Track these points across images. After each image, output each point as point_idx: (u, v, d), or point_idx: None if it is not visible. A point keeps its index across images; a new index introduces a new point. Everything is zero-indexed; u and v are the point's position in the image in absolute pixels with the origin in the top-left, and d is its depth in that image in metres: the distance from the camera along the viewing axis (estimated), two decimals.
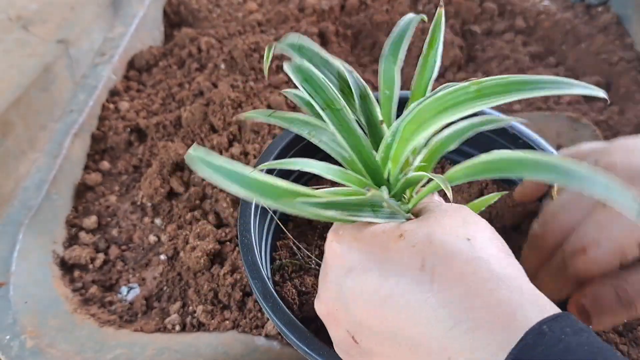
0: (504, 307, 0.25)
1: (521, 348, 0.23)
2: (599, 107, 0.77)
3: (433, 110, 0.29)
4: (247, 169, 0.31)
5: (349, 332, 0.31)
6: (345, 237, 0.32)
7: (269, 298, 0.39)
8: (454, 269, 0.27)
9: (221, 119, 0.70)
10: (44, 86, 0.72)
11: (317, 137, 0.35)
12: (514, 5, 0.93)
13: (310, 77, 0.35)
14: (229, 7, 0.99)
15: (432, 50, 0.36)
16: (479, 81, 0.26)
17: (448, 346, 0.25)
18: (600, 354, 0.23)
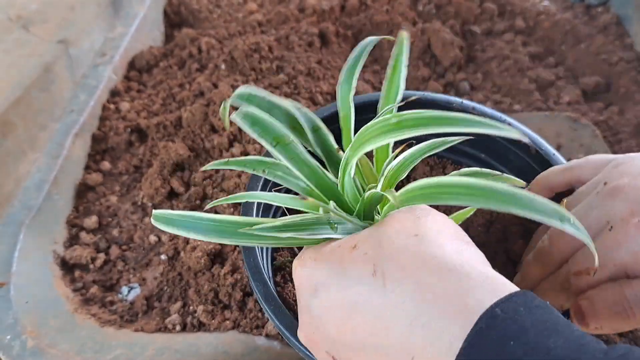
0: (454, 296, 0.25)
1: (475, 333, 0.23)
2: (598, 107, 0.77)
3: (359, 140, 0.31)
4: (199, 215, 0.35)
5: (328, 352, 0.32)
6: (307, 260, 0.33)
7: (270, 300, 0.39)
8: (403, 267, 0.28)
9: (222, 121, 0.70)
10: (44, 86, 0.72)
11: (272, 173, 0.37)
12: (513, 6, 0.94)
13: (257, 120, 0.37)
14: (229, 7, 0.99)
15: (395, 75, 0.38)
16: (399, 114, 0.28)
17: (410, 345, 0.26)
18: (555, 331, 0.23)
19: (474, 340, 0.23)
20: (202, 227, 0.35)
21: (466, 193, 0.27)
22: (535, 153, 0.49)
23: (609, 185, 0.36)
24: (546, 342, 0.23)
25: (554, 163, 0.47)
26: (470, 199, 0.27)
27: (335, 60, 0.83)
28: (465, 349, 0.23)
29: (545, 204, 0.25)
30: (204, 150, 0.70)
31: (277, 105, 0.39)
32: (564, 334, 0.23)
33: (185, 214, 0.35)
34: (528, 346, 0.23)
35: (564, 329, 0.24)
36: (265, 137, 0.36)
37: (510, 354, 0.22)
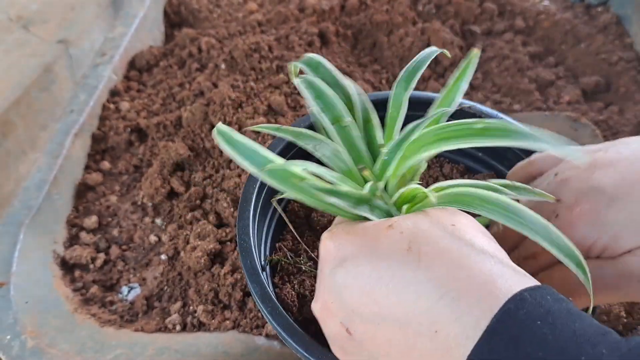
0: (487, 277, 0.27)
1: (504, 312, 0.24)
2: (598, 107, 0.77)
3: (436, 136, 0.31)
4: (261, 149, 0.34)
5: (342, 323, 0.32)
6: (338, 233, 0.34)
7: (267, 302, 0.39)
8: (439, 246, 0.29)
9: (222, 119, 0.70)
10: (44, 86, 0.72)
11: (320, 151, 0.37)
12: (513, 6, 0.94)
13: (322, 93, 0.37)
14: (229, 7, 0.99)
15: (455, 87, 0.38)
16: (486, 121, 0.29)
17: (435, 318, 0.27)
18: (580, 318, 0.24)
19: (502, 318, 0.24)
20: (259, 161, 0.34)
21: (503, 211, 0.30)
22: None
23: (558, 176, 0.39)
24: (572, 325, 0.24)
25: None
26: (504, 218, 0.30)
27: (335, 60, 0.83)
28: (494, 324, 0.24)
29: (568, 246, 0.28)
30: (204, 150, 0.70)
31: (339, 84, 0.39)
32: (587, 321, 0.24)
33: (250, 142, 0.35)
34: (554, 327, 0.24)
35: (587, 318, 0.25)
36: (326, 113, 0.37)
37: (537, 332, 0.23)
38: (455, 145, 0.30)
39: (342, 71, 0.81)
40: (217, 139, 0.34)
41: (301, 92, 0.37)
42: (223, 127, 0.35)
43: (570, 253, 0.28)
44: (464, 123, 0.30)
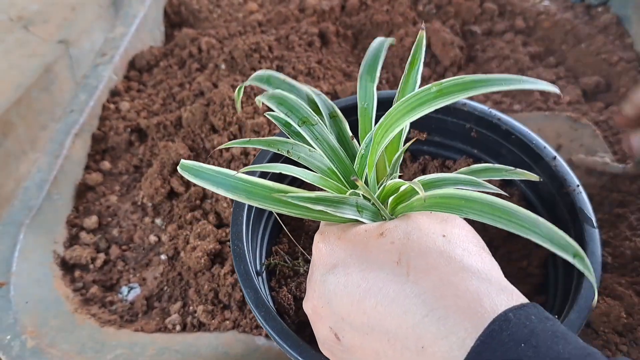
0: (473, 296, 0.27)
1: (488, 333, 0.25)
2: (599, 107, 0.77)
3: (400, 112, 0.31)
4: (230, 172, 0.34)
5: (332, 329, 0.32)
6: (330, 237, 0.34)
7: (261, 307, 0.39)
8: (428, 261, 0.29)
9: (221, 119, 0.70)
10: (44, 86, 0.72)
11: (295, 154, 0.37)
12: (514, 6, 0.94)
13: (284, 100, 0.38)
14: (229, 7, 0.99)
15: (413, 70, 0.39)
16: (439, 82, 0.29)
17: (422, 334, 0.27)
18: (564, 339, 0.24)
19: (487, 339, 0.24)
20: (232, 185, 0.34)
21: (490, 212, 0.29)
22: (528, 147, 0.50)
23: None
24: (555, 347, 0.24)
25: (544, 157, 0.48)
26: (492, 219, 0.29)
27: (335, 60, 0.83)
28: (478, 346, 0.24)
29: (562, 238, 0.28)
30: (204, 150, 0.70)
31: (297, 89, 0.40)
32: (572, 342, 0.24)
33: (218, 169, 0.34)
34: (538, 349, 0.24)
35: (572, 338, 0.25)
36: (291, 117, 0.37)
37: (520, 354, 0.24)
38: (419, 113, 0.30)
39: (342, 71, 0.81)
40: (185, 174, 0.35)
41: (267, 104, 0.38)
42: (187, 162, 0.35)
43: (565, 244, 0.28)
44: (420, 91, 0.30)
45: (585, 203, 0.45)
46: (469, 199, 0.30)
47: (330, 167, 0.36)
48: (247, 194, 0.33)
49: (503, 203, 0.29)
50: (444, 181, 0.35)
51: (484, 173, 0.40)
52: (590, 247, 0.42)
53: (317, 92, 0.40)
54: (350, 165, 0.37)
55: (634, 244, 0.57)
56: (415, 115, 0.30)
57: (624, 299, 0.52)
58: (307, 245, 0.51)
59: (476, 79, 0.28)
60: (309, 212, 0.34)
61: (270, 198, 0.33)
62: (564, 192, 0.46)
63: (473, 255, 0.30)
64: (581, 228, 0.43)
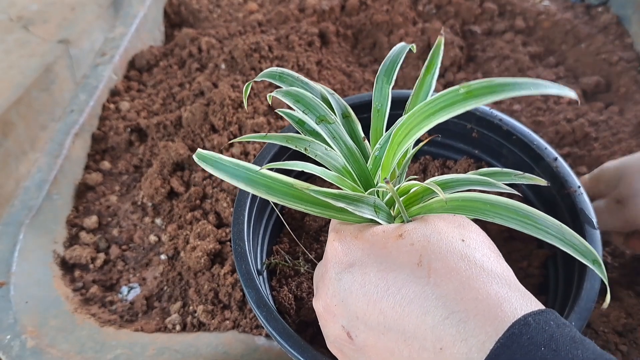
0: (493, 300, 0.27)
1: (508, 336, 0.25)
2: (598, 107, 0.77)
3: (424, 113, 0.30)
4: (253, 167, 0.33)
5: (344, 327, 0.32)
6: (347, 236, 0.34)
7: (262, 307, 0.39)
8: (449, 264, 0.29)
9: (221, 119, 0.70)
10: (44, 86, 0.72)
11: (312, 152, 0.37)
12: (514, 6, 0.94)
13: (301, 97, 0.37)
14: (229, 7, 0.99)
15: (429, 75, 0.38)
16: (467, 84, 0.28)
17: (441, 336, 0.27)
18: (582, 344, 0.25)
19: (507, 342, 0.25)
20: (252, 179, 0.33)
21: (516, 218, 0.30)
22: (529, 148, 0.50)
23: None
24: (574, 352, 0.24)
25: (545, 158, 0.48)
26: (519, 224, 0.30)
27: (335, 60, 0.83)
28: (497, 349, 0.25)
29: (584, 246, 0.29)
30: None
31: (310, 87, 0.40)
32: (590, 348, 0.25)
33: (237, 161, 0.34)
34: (557, 352, 0.24)
35: (589, 344, 0.25)
36: (309, 114, 0.37)
37: (540, 357, 0.24)
38: (447, 115, 0.29)
39: (342, 71, 0.81)
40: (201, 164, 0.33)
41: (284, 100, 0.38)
42: (204, 152, 0.34)
43: (586, 251, 0.28)
44: (448, 92, 0.29)
45: (586, 204, 0.45)
46: (495, 203, 0.30)
47: (346, 166, 0.36)
48: (267, 189, 0.33)
49: (529, 209, 0.30)
50: (457, 182, 0.35)
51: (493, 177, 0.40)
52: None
53: (330, 91, 0.40)
54: (365, 166, 0.37)
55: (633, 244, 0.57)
56: (442, 117, 0.29)
57: (623, 299, 0.52)
58: (308, 244, 0.51)
59: (505, 82, 0.28)
60: (327, 209, 0.34)
61: (290, 194, 0.33)
62: (565, 193, 0.46)
63: (492, 260, 0.30)
64: (582, 229, 0.44)
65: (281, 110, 0.40)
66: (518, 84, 0.27)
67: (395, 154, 0.33)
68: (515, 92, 0.27)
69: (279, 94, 0.38)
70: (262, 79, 0.40)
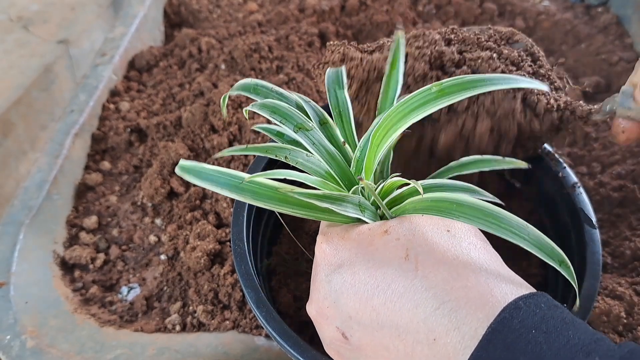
0: (483, 287, 0.27)
1: (499, 321, 0.25)
2: None
3: (400, 114, 0.31)
4: (238, 173, 0.33)
5: (339, 328, 0.32)
6: (334, 237, 0.34)
7: (262, 307, 0.39)
8: (436, 255, 0.29)
9: (221, 119, 0.70)
10: (44, 86, 0.72)
11: (293, 159, 0.37)
12: (514, 6, 0.94)
13: (277, 108, 0.38)
14: (229, 7, 0.99)
15: (394, 70, 0.39)
16: (439, 83, 0.29)
17: (433, 327, 0.27)
18: (573, 325, 0.25)
19: (498, 327, 0.25)
20: (237, 186, 0.33)
21: (482, 217, 0.30)
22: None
23: None
24: (565, 333, 0.24)
25: (544, 157, 0.48)
26: (484, 224, 0.29)
27: None
28: (489, 334, 0.25)
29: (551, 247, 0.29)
30: (203, 150, 0.70)
31: (285, 97, 0.40)
32: (581, 328, 0.25)
33: (221, 170, 0.34)
34: (549, 334, 0.24)
35: (581, 325, 0.25)
36: (286, 124, 0.37)
37: (531, 341, 0.24)
38: (421, 114, 0.29)
39: None
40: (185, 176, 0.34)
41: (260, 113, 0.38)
42: (186, 163, 0.34)
43: (553, 252, 0.29)
44: (421, 92, 0.30)
45: (586, 203, 0.45)
46: (461, 203, 0.30)
47: (328, 170, 0.37)
48: (253, 195, 0.33)
49: (493, 209, 0.30)
50: (442, 187, 0.35)
51: (473, 165, 0.41)
52: (591, 248, 0.42)
53: (305, 99, 0.40)
54: (347, 169, 0.37)
55: (633, 244, 0.57)
56: (416, 117, 0.30)
57: (624, 299, 0.52)
58: (307, 245, 0.51)
59: (476, 79, 0.28)
60: (313, 211, 0.34)
61: (276, 198, 0.33)
62: (565, 193, 0.46)
63: (479, 248, 0.30)
64: (581, 228, 0.44)
65: (258, 126, 0.41)
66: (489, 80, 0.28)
67: (375, 154, 0.33)
68: (486, 88, 0.28)
69: (255, 107, 0.38)
70: (237, 92, 0.40)
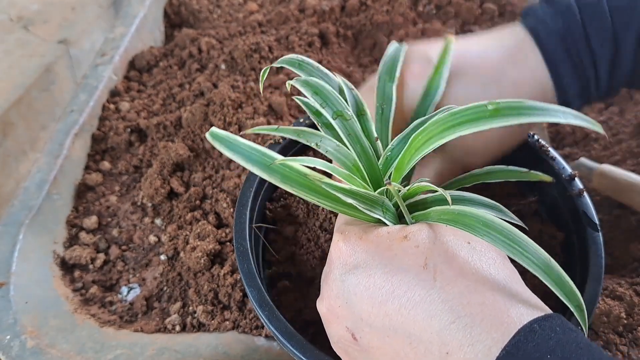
0: (500, 305, 0.27)
1: (514, 344, 0.25)
2: (598, 108, 0.77)
3: (448, 124, 0.30)
4: (271, 153, 0.32)
5: (348, 328, 0.32)
6: (351, 237, 0.34)
7: (264, 306, 0.39)
8: (455, 268, 0.29)
9: (221, 120, 0.70)
10: (44, 86, 0.72)
11: (323, 147, 0.36)
12: (514, 6, 0.93)
13: (320, 90, 0.37)
14: (229, 7, 0.99)
15: (437, 75, 0.38)
16: (495, 102, 0.28)
17: (447, 340, 0.27)
18: (588, 350, 0.25)
19: (512, 350, 0.25)
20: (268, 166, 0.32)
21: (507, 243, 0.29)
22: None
23: None
24: (580, 358, 0.24)
25: (547, 159, 0.48)
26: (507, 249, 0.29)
27: (335, 61, 0.83)
28: (503, 356, 0.25)
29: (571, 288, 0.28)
30: (204, 151, 0.70)
31: (330, 78, 0.39)
32: (596, 354, 0.25)
33: (256, 146, 0.33)
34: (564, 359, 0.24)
35: (596, 350, 0.25)
36: (326, 108, 0.36)
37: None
38: (469, 129, 0.29)
39: (342, 72, 0.81)
40: (216, 144, 0.33)
41: (301, 90, 0.37)
42: (219, 131, 0.33)
43: (572, 294, 0.28)
44: (474, 107, 0.29)
45: (589, 206, 0.45)
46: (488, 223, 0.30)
47: (357, 164, 0.36)
48: (283, 178, 0.32)
49: (521, 236, 0.29)
50: (468, 200, 0.35)
51: (500, 174, 0.40)
52: (593, 250, 0.42)
53: (349, 85, 0.39)
54: (377, 166, 0.36)
55: (634, 244, 0.57)
56: (465, 131, 0.29)
57: (624, 300, 0.52)
58: (306, 243, 0.51)
59: (535, 106, 0.27)
60: (338, 204, 0.34)
61: (304, 185, 0.33)
62: (567, 196, 0.46)
63: (498, 264, 0.30)
64: (584, 232, 0.43)
65: (298, 98, 0.39)
66: (548, 110, 0.27)
67: (411, 158, 0.33)
68: (543, 118, 0.27)
69: (298, 83, 0.37)
70: (282, 65, 0.39)
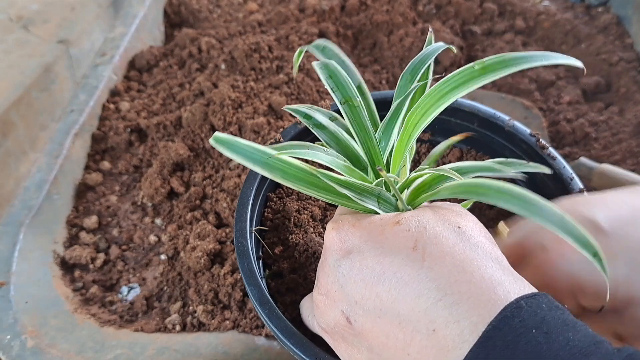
0: (486, 283, 0.27)
1: (500, 319, 0.25)
2: (598, 108, 0.77)
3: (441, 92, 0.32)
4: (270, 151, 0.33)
5: (344, 312, 0.33)
6: (344, 225, 0.34)
7: (265, 304, 0.39)
8: (444, 249, 0.29)
9: (221, 119, 0.70)
10: (44, 86, 0.72)
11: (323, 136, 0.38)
12: (514, 6, 0.94)
13: (334, 73, 0.38)
14: (229, 7, 0.99)
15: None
16: (482, 61, 0.30)
17: (434, 318, 0.27)
18: (573, 327, 0.25)
19: (499, 324, 0.25)
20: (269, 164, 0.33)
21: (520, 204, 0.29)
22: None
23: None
24: (565, 334, 0.25)
25: (548, 160, 0.48)
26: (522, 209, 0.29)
27: None
28: (489, 331, 0.25)
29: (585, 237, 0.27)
30: (203, 150, 0.70)
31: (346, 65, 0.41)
32: (582, 331, 0.25)
33: (256, 146, 0.33)
34: (549, 335, 0.24)
35: (582, 327, 0.26)
36: (336, 93, 0.38)
37: (531, 341, 0.24)
38: (465, 91, 0.30)
39: None
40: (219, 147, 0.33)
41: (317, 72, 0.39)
42: (222, 135, 0.34)
43: (587, 243, 0.28)
44: (463, 70, 0.30)
45: None
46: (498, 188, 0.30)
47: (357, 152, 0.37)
48: (283, 174, 0.33)
49: (532, 196, 0.29)
50: (465, 169, 0.35)
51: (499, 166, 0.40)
52: None
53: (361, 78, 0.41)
54: (379, 152, 0.37)
55: None
56: (460, 93, 0.30)
57: None
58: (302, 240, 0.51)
59: (517, 56, 0.29)
60: (336, 196, 0.35)
61: (304, 180, 0.33)
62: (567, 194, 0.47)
63: (487, 247, 0.31)
64: None
65: (289, 108, 0.41)
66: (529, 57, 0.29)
67: (410, 136, 0.34)
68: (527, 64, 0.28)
69: (317, 65, 0.39)
70: (308, 49, 0.41)
